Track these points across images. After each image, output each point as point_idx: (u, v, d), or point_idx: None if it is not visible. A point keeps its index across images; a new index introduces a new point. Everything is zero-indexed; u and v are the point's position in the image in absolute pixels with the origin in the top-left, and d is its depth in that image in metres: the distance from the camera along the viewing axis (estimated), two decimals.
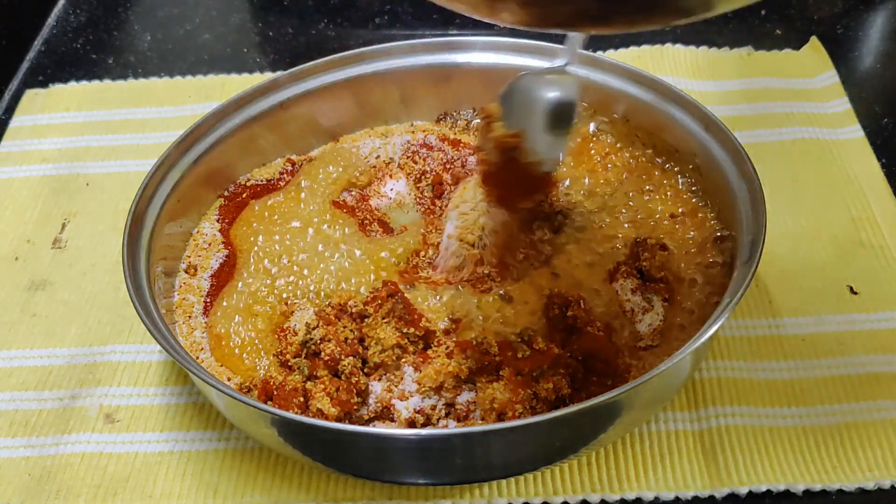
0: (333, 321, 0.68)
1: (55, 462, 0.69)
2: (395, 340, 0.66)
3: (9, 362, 0.77)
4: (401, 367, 0.66)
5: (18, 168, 0.94)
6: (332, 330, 0.67)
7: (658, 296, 0.70)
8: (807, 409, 0.69)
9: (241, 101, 0.82)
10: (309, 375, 0.66)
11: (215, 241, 0.78)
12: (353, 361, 0.65)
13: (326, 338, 0.66)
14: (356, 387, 0.65)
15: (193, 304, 0.74)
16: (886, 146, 0.89)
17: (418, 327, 0.68)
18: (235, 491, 0.67)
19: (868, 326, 0.74)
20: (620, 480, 0.65)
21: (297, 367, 0.66)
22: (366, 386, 0.65)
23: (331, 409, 0.63)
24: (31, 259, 0.85)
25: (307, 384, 0.65)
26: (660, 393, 0.64)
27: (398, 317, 0.67)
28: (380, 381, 0.66)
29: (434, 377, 0.64)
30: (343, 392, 0.64)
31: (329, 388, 0.64)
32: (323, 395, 0.63)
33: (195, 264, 0.77)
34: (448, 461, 0.63)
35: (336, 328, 0.67)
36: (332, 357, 0.65)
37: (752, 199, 0.69)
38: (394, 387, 0.66)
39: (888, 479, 0.64)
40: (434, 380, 0.64)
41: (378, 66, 0.86)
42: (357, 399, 0.65)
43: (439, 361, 0.65)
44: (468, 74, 0.86)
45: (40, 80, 1.06)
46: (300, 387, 0.65)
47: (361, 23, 1.13)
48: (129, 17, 1.17)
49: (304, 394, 0.64)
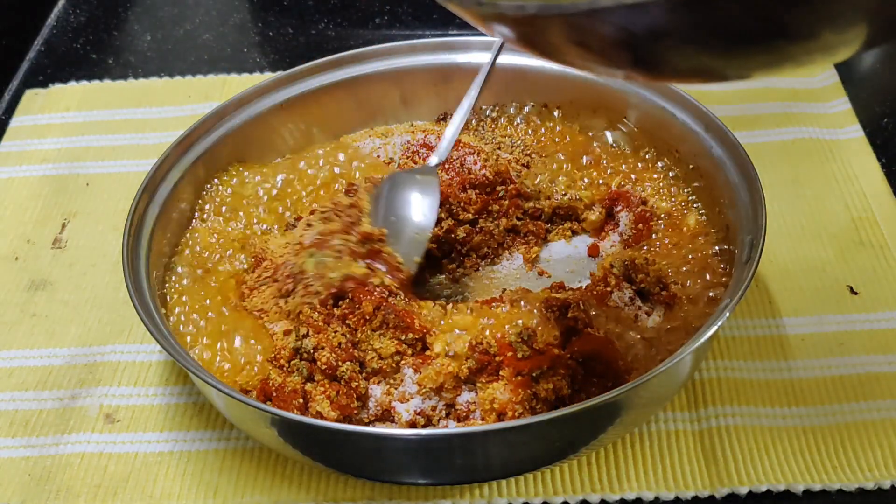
0: (323, 328, 0.67)
1: (55, 462, 0.69)
2: (393, 349, 0.66)
3: (9, 362, 0.77)
4: (400, 369, 0.66)
5: (18, 168, 0.94)
6: (323, 337, 0.66)
7: (658, 303, 0.70)
8: (807, 409, 0.69)
9: (241, 101, 0.82)
10: (308, 376, 0.66)
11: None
12: (352, 367, 0.65)
13: (320, 346, 0.66)
14: (356, 391, 0.64)
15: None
16: (886, 146, 0.89)
17: (415, 330, 0.67)
18: (235, 491, 0.67)
19: (868, 326, 0.74)
20: (620, 480, 0.65)
21: (296, 368, 0.66)
22: (365, 390, 0.65)
23: (330, 412, 0.62)
24: (31, 259, 0.85)
25: (307, 385, 0.65)
26: (660, 393, 0.64)
27: (392, 326, 0.67)
28: (379, 385, 0.66)
29: (434, 378, 0.64)
30: (343, 396, 0.64)
31: (329, 391, 0.64)
32: (323, 399, 0.63)
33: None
34: (448, 461, 0.63)
35: (328, 334, 0.67)
36: (330, 365, 0.65)
37: (752, 199, 0.69)
38: (393, 389, 0.66)
39: (888, 479, 0.64)
40: (434, 381, 0.64)
41: (378, 66, 0.86)
42: (357, 403, 0.64)
43: (439, 362, 0.65)
44: (468, 74, 0.86)
45: (40, 80, 1.06)
46: (299, 388, 0.64)
47: (361, 23, 1.13)
48: (129, 17, 1.17)
49: (304, 395, 0.64)
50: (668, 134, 0.79)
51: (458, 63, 0.86)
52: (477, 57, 0.86)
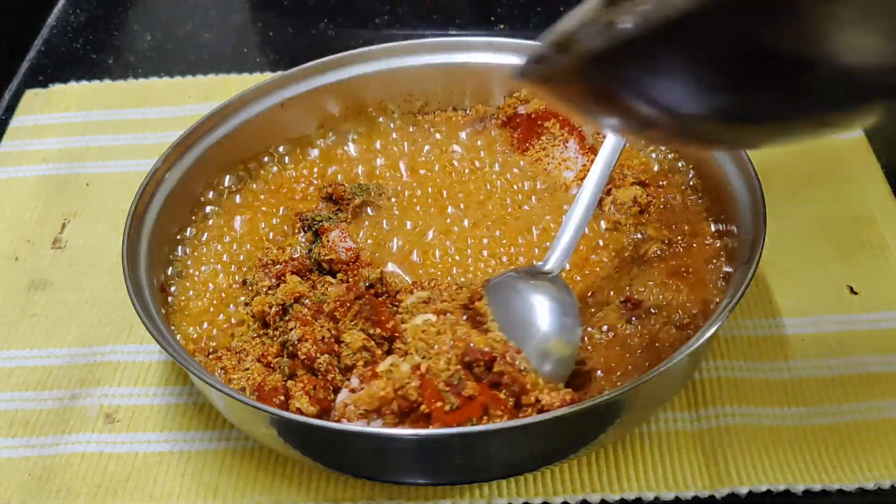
0: (310, 321, 0.67)
1: (55, 462, 0.69)
2: (360, 343, 0.65)
3: (9, 362, 0.77)
4: (350, 378, 0.64)
5: (18, 168, 0.94)
6: (308, 330, 0.66)
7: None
8: (807, 409, 0.69)
9: (241, 101, 0.82)
10: (290, 374, 0.65)
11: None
12: (329, 359, 0.64)
13: (304, 338, 0.65)
14: (332, 384, 0.64)
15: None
16: (886, 146, 0.89)
17: (384, 328, 0.65)
18: (235, 491, 0.67)
19: (868, 326, 0.74)
20: (620, 480, 0.65)
21: (279, 366, 0.66)
22: (342, 382, 0.64)
23: (309, 407, 0.62)
24: (31, 259, 0.85)
25: (288, 383, 0.65)
26: (660, 393, 0.64)
27: (365, 318, 0.66)
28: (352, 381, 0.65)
29: (367, 401, 0.61)
30: (320, 390, 0.63)
31: (307, 386, 0.64)
32: (302, 395, 0.63)
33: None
34: (448, 461, 0.63)
35: (314, 328, 0.66)
36: (309, 356, 0.64)
37: (751, 200, 0.69)
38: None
39: (888, 479, 0.64)
40: (368, 403, 0.61)
41: (378, 66, 0.86)
42: (333, 396, 0.64)
43: (377, 384, 0.61)
44: (468, 74, 0.86)
45: (40, 80, 1.06)
46: (280, 385, 0.64)
47: (361, 23, 1.13)
48: (129, 17, 1.17)
49: (285, 392, 0.64)
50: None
51: (458, 63, 0.86)
52: (477, 57, 0.86)
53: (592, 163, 0.78)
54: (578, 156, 0.80)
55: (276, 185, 0.83)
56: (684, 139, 0.48)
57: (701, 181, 0.77)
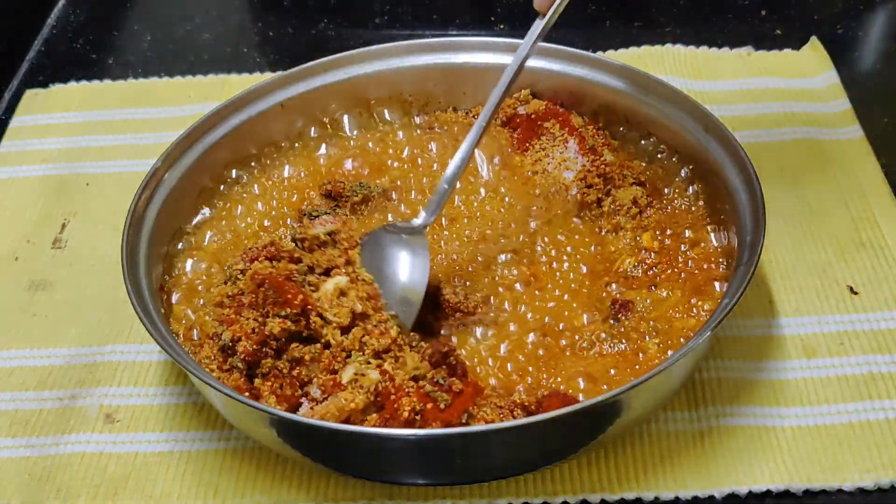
0: (235, 318, 0.65)
1: (55, 462, 0.69)
2: (279, 328, 0.64)
3: (9, 362, 0.77)
4: (309, 389, 0.64)
5: (18, 168, 0.94)
6: (237, 328, 0.64)
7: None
8: (807, 409, 0.69)
9: (241, 101, 0.82)
10: (247, 371, 0.64)
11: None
12: (269, 362, 0.64)
13: (236, 337, 0.64)
14: (299, 378, 0.63)
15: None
16: (886, 146, 0.88)
17: (293, 305, 0.64)
18: (235, 491, 0.67)
19: (868, 326, 0.74)
20: (620, 480, 0.65)
21: (233, 366, 0.65)
22: (305, 376, 0.64)
23: (277, 406, 0.62)
24: (31, 259, 0.85)
25: (255, 382, 0.64)
26: (660, 393, 0.64)
27: (272, 302, 0.64)
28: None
29: (336, 414, 0.61)
30: (287, 387, 0.63)
31: (274, 385, 0.63)
32: (269, 395, 0.63)
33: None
34: (448, 461, 0.63)
35: (241, 324, 0.64)
36: (248, 352, 0.63)
37: (751, 200, 0.69)
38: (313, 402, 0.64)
39: (888, 479, 0.64)
40: (336, 417, 0.61)
41: (378, 66, 0.86)
42: (300, 392, 0.63)
43: (343, 396, 0.61)
44: (468, 74, 0.86)
45: (40, 80, 1.06)
46: (242, 384, 0.63)
47: (361, 23, 1.13)
48: (129, 17, 1.17)
49: (250, 390, 0.63)
50: (668, 134, 0.79)
51: (458, 63, 0.86)
52: (477, 57, 0.86)
53: (592, 163, 0.79)
54: (578, 156, 0.80)
55: (276, 185, 0.83)
56: None
57: (700, 182, 0.77)
